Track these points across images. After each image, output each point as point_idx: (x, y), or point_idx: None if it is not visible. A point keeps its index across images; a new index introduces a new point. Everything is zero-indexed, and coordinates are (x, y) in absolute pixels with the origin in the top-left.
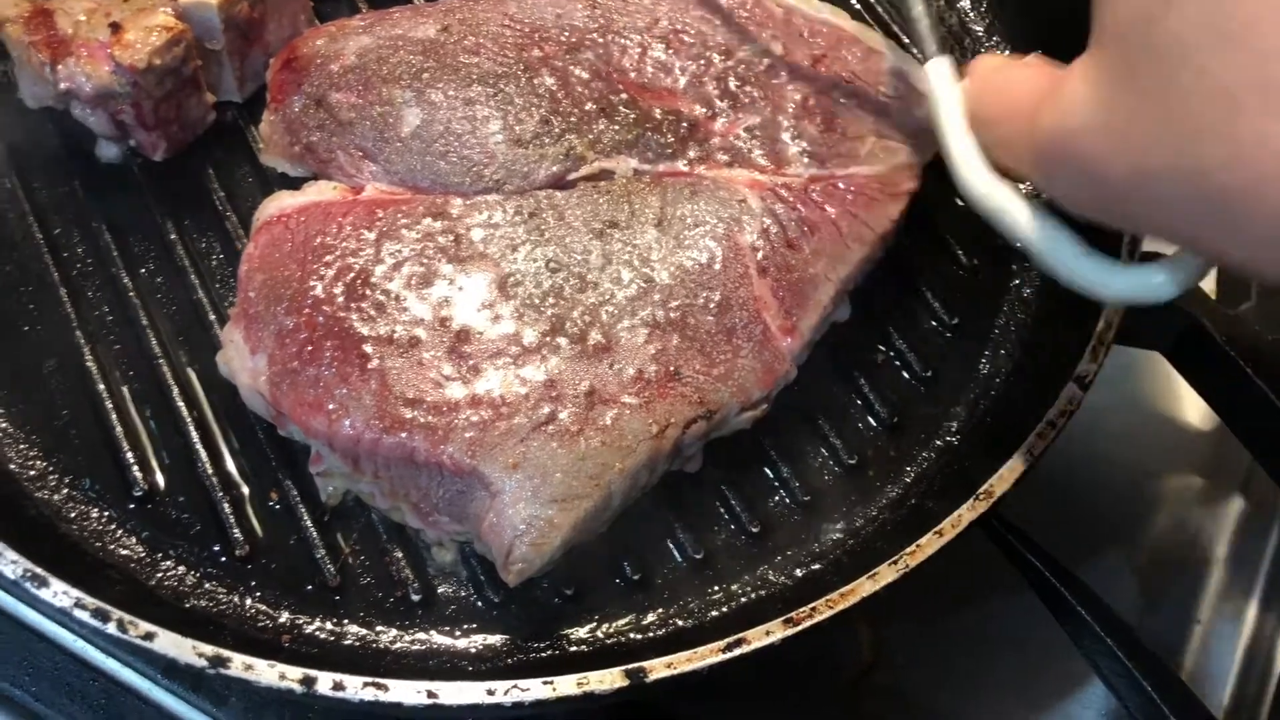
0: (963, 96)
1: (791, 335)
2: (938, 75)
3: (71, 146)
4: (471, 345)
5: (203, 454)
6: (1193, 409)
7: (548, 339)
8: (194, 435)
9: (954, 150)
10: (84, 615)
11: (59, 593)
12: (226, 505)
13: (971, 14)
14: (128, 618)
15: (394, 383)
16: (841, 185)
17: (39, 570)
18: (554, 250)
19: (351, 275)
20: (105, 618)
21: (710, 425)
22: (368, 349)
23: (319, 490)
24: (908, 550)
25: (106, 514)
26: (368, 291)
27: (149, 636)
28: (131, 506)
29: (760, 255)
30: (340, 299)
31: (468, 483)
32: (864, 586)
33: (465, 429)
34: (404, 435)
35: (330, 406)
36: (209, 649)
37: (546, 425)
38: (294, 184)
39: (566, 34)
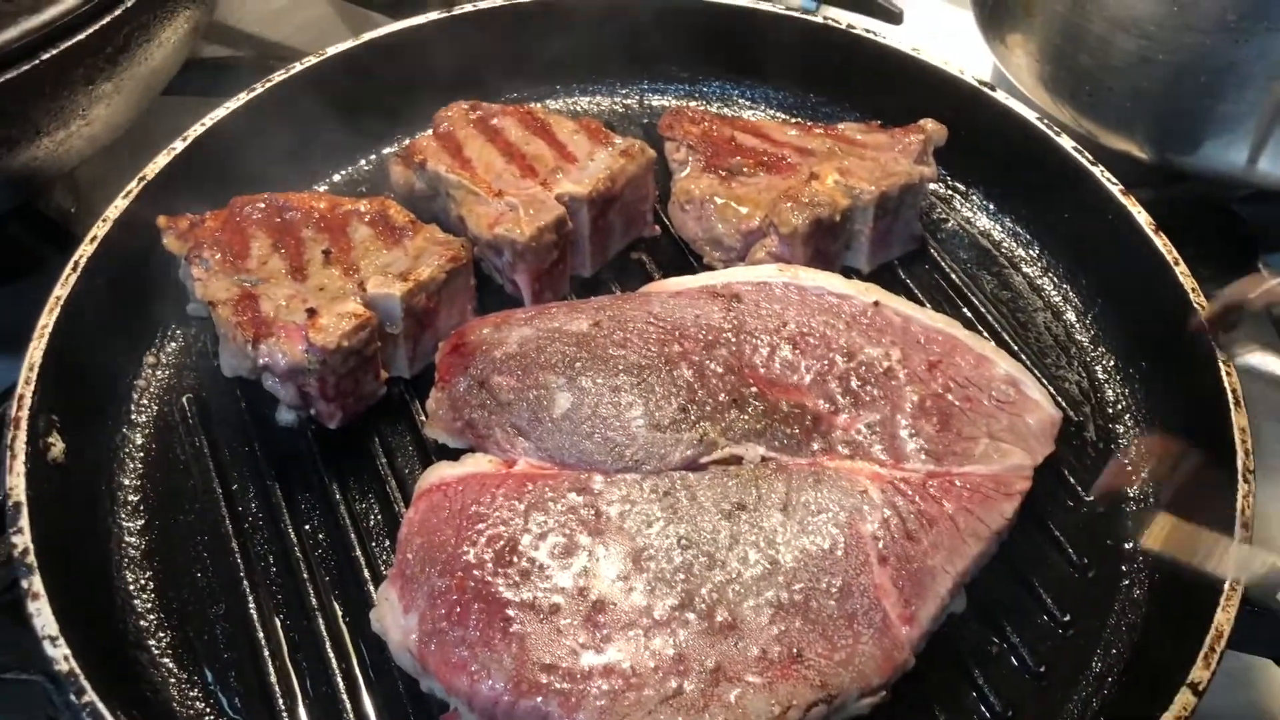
0: None
1: (911, 624)
2: None
3: (255, 411)
4: (606, 615)
5: (348, 705)
6: None
7: (677, 613)
8: (341, 685)
9: None
10: None
11: None
12: None
13: (1076, 325)
14: None
15: (533, 648)
16: (958, 483)
17: None
18: (685, 529)
19: (501, 543)
20: None
21: (830, 709)
22: (511, 613)
23: None
24: None
25: None
26: (514, 559)
27: None
28: None
29: (881, 545)
30: (490, 565)
31: None
32: None
33: (597, 698)
34: (539, 700)
35: (473, 667)
36: None
37: (673, 699)
38: (452, 455)
39: (704, 332)
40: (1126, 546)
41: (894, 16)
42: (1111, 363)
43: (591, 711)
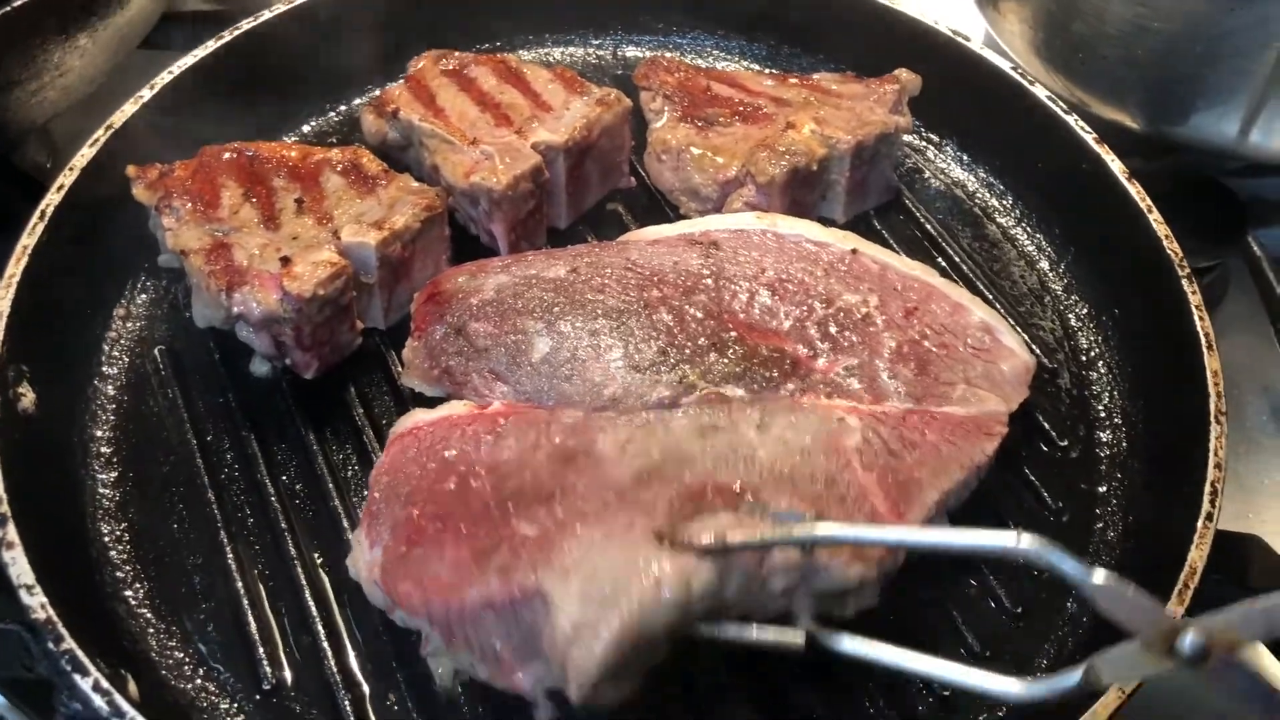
0: None
1: (901, 521)
2: None
3: (228, 362)
4: (562, 509)
5: (329, 652)
6: None
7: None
8: (322, 633)
9: None
10: None
11: None
12: (348, 704)
13: (1050, 274)
14: None
15: (484, 545)
16: (938, 419)
17: None
18: (658, 447)
19: (464, 468)
20: None
21: (805, 559)
22: (463, 528)
23: (431, 673)
24: None
25: (236, 705)
26: (475, 482)
27: None
28: (259, 699)
29: (863, 456)
30: (452, 485)
31: (533, 609)
32: None
33: (533, 555)
34: (483, 585)
35: (425, 577)
36: None
37: (612, 532)
38: (429, 403)
39: (682, 278)
40: (1100, 490)
41: None
42: (1085, 310)
43: (526, 567)
